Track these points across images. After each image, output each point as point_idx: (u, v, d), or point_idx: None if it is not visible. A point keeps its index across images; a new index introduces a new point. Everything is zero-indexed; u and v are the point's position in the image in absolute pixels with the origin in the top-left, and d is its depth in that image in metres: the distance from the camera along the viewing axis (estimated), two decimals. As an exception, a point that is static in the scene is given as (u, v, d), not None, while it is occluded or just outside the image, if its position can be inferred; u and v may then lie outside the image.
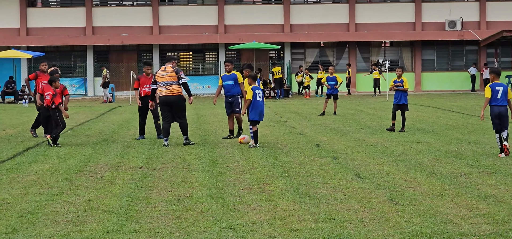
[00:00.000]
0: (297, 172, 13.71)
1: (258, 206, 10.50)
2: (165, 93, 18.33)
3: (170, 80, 18.29)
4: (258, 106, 17.86)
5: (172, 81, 18.28)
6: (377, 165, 14.49)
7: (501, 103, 15.78)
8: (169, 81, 18.29)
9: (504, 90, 15.79)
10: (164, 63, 18.95)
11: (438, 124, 24.16)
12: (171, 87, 18.29)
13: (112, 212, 10.13)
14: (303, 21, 52.01)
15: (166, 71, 18.39)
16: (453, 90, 51.80)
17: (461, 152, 16.40)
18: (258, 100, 17.89)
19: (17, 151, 17.63)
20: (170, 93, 18.29)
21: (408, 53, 53.08)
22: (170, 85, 18.29)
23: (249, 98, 17.86)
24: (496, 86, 15.83)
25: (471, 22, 52.41)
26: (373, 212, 9.94)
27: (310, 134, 21.06)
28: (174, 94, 18.29)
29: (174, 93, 18.29)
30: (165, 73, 18.37)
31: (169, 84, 18.28)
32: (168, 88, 18.30)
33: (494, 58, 51.79)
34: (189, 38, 51.14)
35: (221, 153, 16.71)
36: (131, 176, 13.49)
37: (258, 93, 17.92)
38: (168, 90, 18.30)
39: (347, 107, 34.38)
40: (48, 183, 12.67)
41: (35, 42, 50.52)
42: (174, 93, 18.30)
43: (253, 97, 17.84)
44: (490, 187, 11.82)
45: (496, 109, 15.78)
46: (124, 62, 51.97)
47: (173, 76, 18.29)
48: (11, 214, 10.08)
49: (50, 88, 18.86)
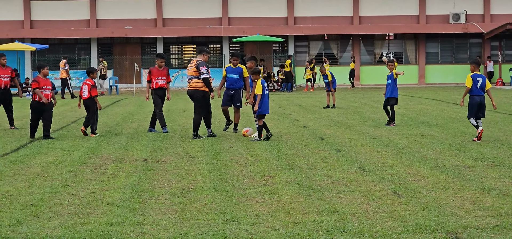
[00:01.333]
0: (301, 164, 13.71)
1: (262, 198, 10.51)
2: (187, 88, 18.62)
3: (191, 74, 18.33)
4: (267, 100, 17.82)
5: (193, 76, 18.28)
6: (381, 158, 14.48)
7: (480, 94, 16.95)
8: (191, 76, 18.33)
9: (483, 81, 16.95)
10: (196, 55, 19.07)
11: (442, 116, 24.14)
12: (191, 82, 18.34)
13: (116, 204, 10.14)
14: (307, 14, 51.96)
15: (192, 65, 18.43)
16: (457, 83, 51.72)
17: (465, 145, 16.38)
18: (266, 93, 17.85)
19: (21, 143, 17.64)
20: (189, 87, 18.43)
21: (412, 46, 53.02)
22: (191, 79, 18.33)
23: (260, 92, 17.72)
24: (477, 77, 16.97)
25: (475, 15, 52.32)
26: (376, 205, 9.94)
27: (313, 127, 21.05)
28: (192, 88, 18.34)
29: (192, 87, 18.33)
30: (191, 66, 18.44)
31: (190, 78, 18.36)
32: (189, 83, 18.45)
33: (498, 51, 51.70)
34: (192, 31, 51.11)
35: (225, 146, 16.71)
36: (135, 168, 13.49)
37: (265, 86, 17.91)
38: (189, 85, 18.47)
39: (351, 100, 34.36)
40: (52, 176, 12.68)
41: (39, 35, 50.52)
42: (192, 87, 18.34)
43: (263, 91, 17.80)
44: (494, 180, 11.81)
45: (477, 98, 16.98)
46: (128, 54, 51.96)
47: (194, 71, 18.28)
48: (15, 206, 10.09)
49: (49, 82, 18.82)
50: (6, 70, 22.02)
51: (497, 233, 8.37)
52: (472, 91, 17.01)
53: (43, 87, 18.59)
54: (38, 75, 18.85)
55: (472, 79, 16.98)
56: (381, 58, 52.81)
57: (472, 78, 16.99)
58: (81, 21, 51.60)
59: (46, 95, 18.60)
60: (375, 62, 52.89)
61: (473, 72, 17.13)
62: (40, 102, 18.55)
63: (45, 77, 18.82)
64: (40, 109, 18.57)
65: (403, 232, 8.43)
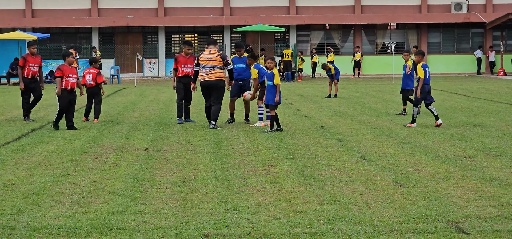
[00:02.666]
0: (302, 154, 13.72)
1: (263, 187, 10.51)
2: (206, 78, 17.97)
3: (214, 64, 17.90)
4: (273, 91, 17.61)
5: (215, 66, 17.90)
6: (382, 148, 14.49)
7: (429, 82, 18.39)
8: (213, 65, 17.90)
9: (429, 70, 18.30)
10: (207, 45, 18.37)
11: (444, 106, 24.13)
12: (212, 72, 17.90)
13: (117, 193, 10.14)
14: (308, 4, 51.93)
15: (211, 55, 17.97)
16: (459, 73, 51.73)
17: (466, 135, 16.38)
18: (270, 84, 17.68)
19: (23, 132, 17.65)
20: (211, 78, 17.89)
21: (414, 36, 52.98)
22: (212, 69, 17.90)
23: (278, 82, 17.39)
24: (425, 66, 18.13)
25: (477, 4, 52.28)
26: (378, 194, 9.94)
27: (315, 116, 21.05)
28: (214, 78, 17.90)
29: (215, 78, 17.90)
30: (210, 56, 17.96)
31: (211, 68, 17.90)
32: (209, 73, 17.91)
33: (500, 41, 51.66)
34: (194, 20, 51.09)
35: (226, 135, 16.71)
36: (136, 157, 13.50)
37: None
38: (208, 76, 17.91)
39: (353, 90, 34.36)
40: (53, 164, 12.69)
41: (40, 24, 50.51)
42: (215, 77, 17.90)
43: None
44: (495, 170, 11.82)
45: (427, 87, 18.31)
46: (130, 44, 51.94)
47: (218, 61, 17.91)
48: (16, 195, 10.10)
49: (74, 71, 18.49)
50: (36, 59, 20.69)
51: (499, 223, 8.37)
52: (425, 80, 18.26)
53: (69, 75, 18.12)
54: (63, 64, 18.27)
55: (423, 69, 18.06)
56: (383, 48, 52.79)
57: (423, 68, 18.04)
58: (82, 10, 51.59)
59: (72, 84, 18.21)
60: (377, 52, 52.85)
61: (419, 63, 18.36)
62: (68, 91, 18.14)
63: (70, 66, 18.35)
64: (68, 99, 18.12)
65: (404, 222, 8.44)
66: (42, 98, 21.34)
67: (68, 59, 18.45)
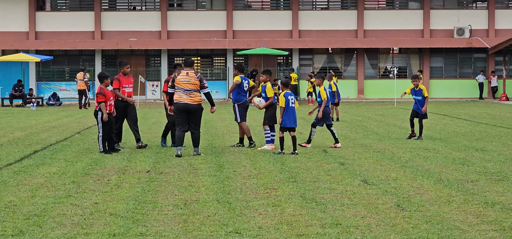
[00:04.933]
0: (304, 177, 13.71)
1: (265, 210, 10.50)
2: (185, 101, 17.29)
3: (192, 87, 17.27)
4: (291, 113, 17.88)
5: (194, 89, 17.31)
6: (384, 171, 14.48)
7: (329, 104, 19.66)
8: (191, 89, 17.28)
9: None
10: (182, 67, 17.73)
11: (446, 131, 24.12)
12: (192, 95, 17.31)
13: (119, 215, 10.14)
14: (311, 27, 52.01)
15: (189, 78, 17.32)
16: (461, 98, 51.72)
17: (469, 159, 16.37)
18: (291, 107, 17.85)
19: (25, 153, 17.66)
20: (192, 101, 17.31)
21: (416, 60, 53.01)
22: (191, 92, 17.29)
23: (283, 105, 17.74)
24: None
25: (480, 29, 52.34)
26: (380, 218, 9.93)
27: (317, 140, 21.04)
28: (195, 103, 17.34)
29: (196, 102, 17.34)
30: (188, 79, 17.30)
31: (190, 91, 17.29)
32: (189, 96, 17.29)
33: (502, 66, 51.68)
34: (197, 43, 51.17)
35: (228, 158, 16.71)
36: (138, 179, 13.50)
37: (291, 99, 17.93)
38: (189, 98, 17.28)
39: (355, 113, 34.36)
40: (55, 186, 12.69)
41: (43, 46, 50.61)
42: (196, 101, 17.33)
43: (286, 103, 17.81)
44: (497, 194, 11.80)
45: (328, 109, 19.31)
46: (132, 66, 52.00)
47: (195, 84, 17.32)
48: (18, 216, 10.10)
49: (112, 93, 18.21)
50: (129, 79, 19.23)
51: (500, 247, 8.35)
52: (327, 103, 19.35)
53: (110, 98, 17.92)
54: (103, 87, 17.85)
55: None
56: (385, 72, 52.83)
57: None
58: (86, 33, 51.69)
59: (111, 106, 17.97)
60: (379, 76, 52.89)
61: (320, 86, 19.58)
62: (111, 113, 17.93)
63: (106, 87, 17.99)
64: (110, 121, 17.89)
65: (406, 246, 8.42)
66: (45, 120, 21.35)
67: (106, 81, 18.07)
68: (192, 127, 17.46)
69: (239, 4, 52.70)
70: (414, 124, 21.44)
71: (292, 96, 18.01)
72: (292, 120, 17.86)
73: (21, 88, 45.82)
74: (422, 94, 21.38)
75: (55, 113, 34.82)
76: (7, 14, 51.53)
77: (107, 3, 52.45)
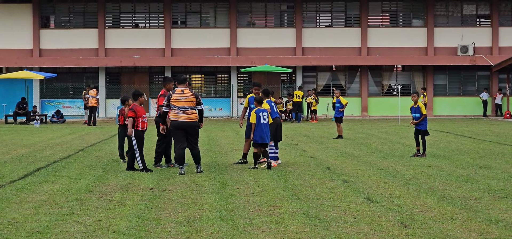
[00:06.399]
0: (307, 194, 13.69)
1: (268, 228, 10.49)
2: (182, 119, 17.13)
3: (188, 105, 17.16)
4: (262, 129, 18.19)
5: (190, 106, 17.19)
6: (388, 189, 14.46)
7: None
8: (188, 106, 17.15)
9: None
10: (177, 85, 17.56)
11: (450, 148, 24.10)
12: (189, 113, 17.18)
13: (122, 232, 10.13)
14: (315, 45, 52.06)
15: (185, 95, 17.19)
16: (465, 115, 51.69)
17: (472, 177, 16.35)
18: (262, 123, 18.14)
19: (28, 171, 17.67)
20: (189, 119, 17.10)
21: (420, 78, 53.02)
22: (188, 110, 17.16)
23: (253, 121, 18.16)
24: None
25: (483, 47, 52.35)
26: (383, 235, 9.91)
27: (321, 157, 21.04)
28: (192, 120, 17.18)
29: (192, 119, 17.18)
30: (184, 97, 17.17)
31: (186, 109, 17.16)
32: (186, 113, 17.14)
33: (506, 83, 51.67)
34: (201, 60, 51.24)
35: (232, 175, 16.70)
36: (141, 197, 13.49)
37: (262, 115, 18.23)
38: (186, 116, 17.14)
39: (358, 131, 34.34)
40: (58, 203, 12.69)
41: (47, 63, 50.72)
42: (192, 119, 17.18)
43: (257, 120, 18.04)
44: (501, 212, 11.78)
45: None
46: (136, 84, 52.07)
47: (192, 101, 17.21)
48: (21, 233, 10.10)
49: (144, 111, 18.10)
50: None
51: (504, 265, 8.33)
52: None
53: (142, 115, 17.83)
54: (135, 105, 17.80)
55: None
56: (389, 89, 52.84)
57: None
58: (89, 50, 51.79)
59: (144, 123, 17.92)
60: (383, 94, 52.91)
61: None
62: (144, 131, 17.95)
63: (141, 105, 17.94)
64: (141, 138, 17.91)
65: (409, 263, 8.41)
66: (49, 137, 21.38)
67: (140, 99, 18.02)
68: (190, 143, 17.36)
69: (243, 21, 52.79)
70: (419, 141, 21.45)
71: (264, 112, 18.26)
72: (264, 136, 18.17)
73: (25, 105, 45.92)
74: (420, 112, 21.44)
75: (58, 131, 34.83)
76: (11, 31, 51.65)
77: (111, 20, 52.59)
